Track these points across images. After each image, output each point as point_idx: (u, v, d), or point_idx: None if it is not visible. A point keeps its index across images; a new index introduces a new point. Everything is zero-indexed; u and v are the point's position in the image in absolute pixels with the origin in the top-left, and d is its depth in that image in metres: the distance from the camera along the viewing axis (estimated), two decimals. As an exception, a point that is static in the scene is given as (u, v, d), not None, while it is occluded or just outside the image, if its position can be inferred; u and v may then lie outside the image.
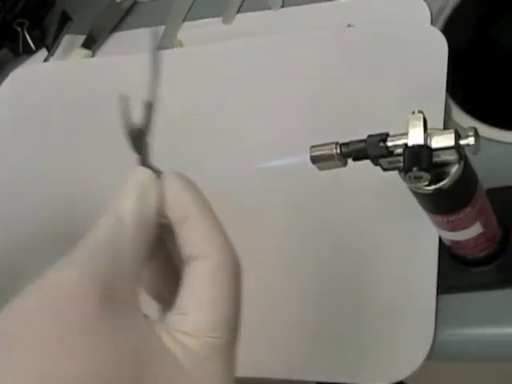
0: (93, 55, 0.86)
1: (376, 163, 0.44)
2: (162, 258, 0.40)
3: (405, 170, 0.41)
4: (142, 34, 0.84)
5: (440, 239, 0.54)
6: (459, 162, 0.42)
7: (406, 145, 0.42)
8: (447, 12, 0.66)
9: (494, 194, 0.51)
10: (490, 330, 0.52)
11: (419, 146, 0.41)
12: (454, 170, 0.43)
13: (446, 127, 0.60)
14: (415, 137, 0.41)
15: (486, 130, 0.58)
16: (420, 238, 0.56)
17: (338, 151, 0.44)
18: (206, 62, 0.76)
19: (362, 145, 0.43)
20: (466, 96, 0.62)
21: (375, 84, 0.66)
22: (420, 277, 0.55)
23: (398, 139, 0.42)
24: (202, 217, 0.38)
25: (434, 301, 0.53)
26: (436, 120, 0.60)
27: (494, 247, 0.52)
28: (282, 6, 0.77)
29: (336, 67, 0.68)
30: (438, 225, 0.49)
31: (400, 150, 0.42)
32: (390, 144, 0.42)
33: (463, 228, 0.48)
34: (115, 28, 0.86)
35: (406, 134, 0.42)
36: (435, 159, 0.42)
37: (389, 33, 0.68)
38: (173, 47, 0.81)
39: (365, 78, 0.66)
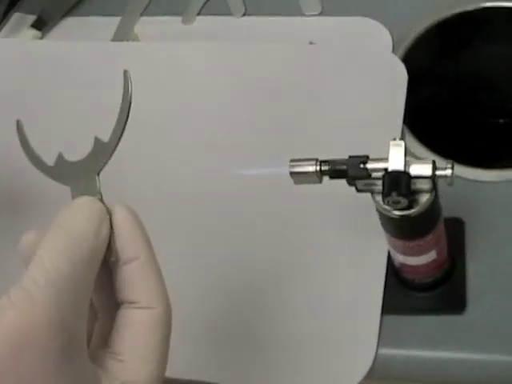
0: (42, 37, 0.83)
1: (352, 183, 0.45)
2: None
3: (384, 194, 0.42)
4: (96, 22, 0.83)
5: (388, 261, 0.56)
6: (431, 192, 0.44)
7: (386, 169, 0.43)
8: (409, 41, 0.68)
9: (444, 224, 0.53)
10: (429, 352, 0.54)
11: (399, 172, 0.42)
12: (426, 198, 0.44)
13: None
14: (396, 163, 0.43)
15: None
16: (369, 259, 0.57)
17: (318, 168, 0.44)
18: (162, 59, 0.75)
19: (343, 164, 0.44)
20: (420, 125, 0.65)
21: (332, 107, 0.67)
22: (366, 296, 0.56)
23: (378, 163, 0.44)
24: (150, 262, 0.36)
25: (377, 320, 0.55)
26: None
27: (441, 274, 0.54)
28: (244, 14, 0.78)
29: (293, 84, 0.69)
30: (396, 248, 0.50)
31: (377, 174, 0.44)
32: (369, 166, 0.44)
33: (420, 254, 0.50)
34: (69, 12, 0.84)
35: (386, 159, 0.43)
36: (411, 187, 0.43)
37: (350, 56, 0.69)
38: (128, 40, 0.79)
39: (322, 99, 0.67)
